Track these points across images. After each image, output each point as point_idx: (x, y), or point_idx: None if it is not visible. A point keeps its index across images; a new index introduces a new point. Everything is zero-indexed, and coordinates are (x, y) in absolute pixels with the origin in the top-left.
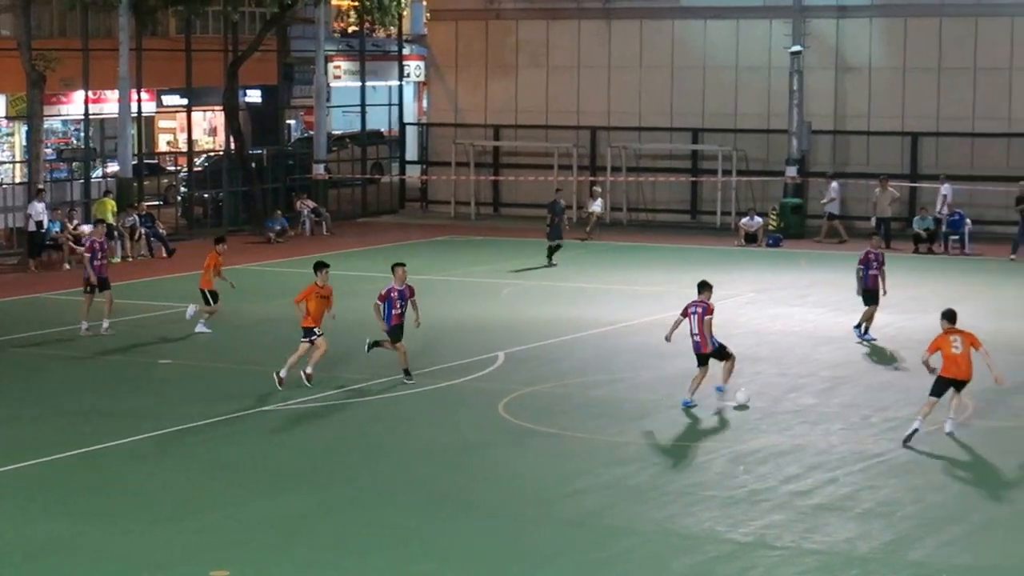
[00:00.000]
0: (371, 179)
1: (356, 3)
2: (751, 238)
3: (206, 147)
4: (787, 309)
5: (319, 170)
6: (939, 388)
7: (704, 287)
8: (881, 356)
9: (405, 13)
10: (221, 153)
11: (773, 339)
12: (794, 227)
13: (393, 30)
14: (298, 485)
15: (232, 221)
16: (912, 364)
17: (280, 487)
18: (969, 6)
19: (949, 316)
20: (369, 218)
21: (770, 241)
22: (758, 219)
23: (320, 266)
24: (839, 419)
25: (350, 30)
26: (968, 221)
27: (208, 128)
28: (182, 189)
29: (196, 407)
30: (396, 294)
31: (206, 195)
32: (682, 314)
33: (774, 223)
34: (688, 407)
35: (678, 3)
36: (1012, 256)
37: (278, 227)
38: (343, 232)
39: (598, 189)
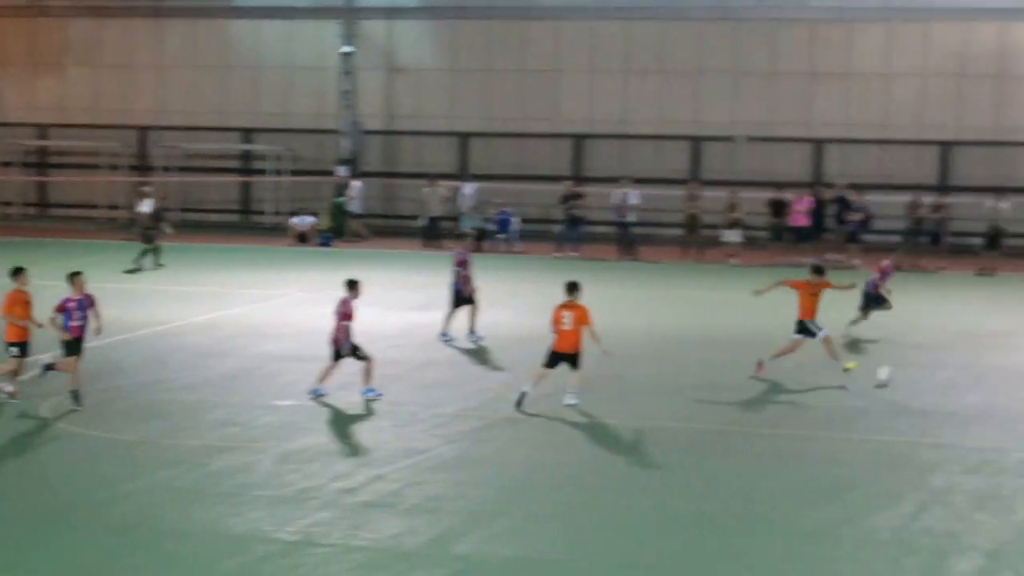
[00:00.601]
0: None
1: None
2: (302, 237)
3: None
4: None
5: None
6: (550, 360)
7: (349, 286)
8: (431, 353)
9: None
10: None
11: (323, 338)
12: (345, 227)
13: None
14: None
15: None
16: (462, 362)
17: None
18: (516, 9)
19: (568, 288)
20: None
21: (321, 240)
22: (308, 219)
23: (18, 270)
24: (388, 416)
25: None
26: (516, 220)
27: None
28: None
29: None
30: (74, 304)
31: None
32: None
33: (325, 223)
34: (317, 395)
35: (230, 3)
36: (556, 254)
37: None
38: None
39: (148, 189)
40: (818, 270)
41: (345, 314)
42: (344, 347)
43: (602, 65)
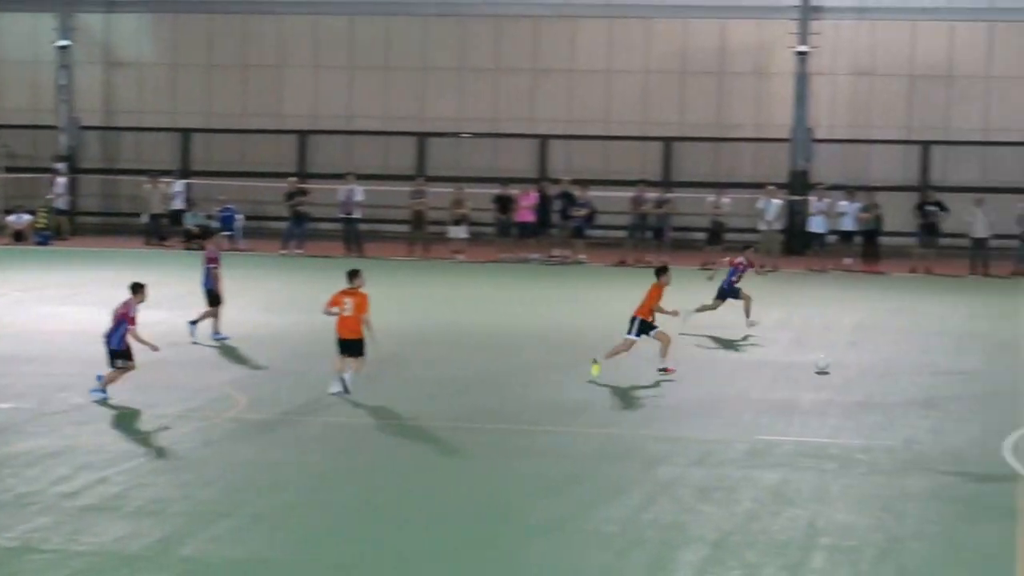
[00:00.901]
0: None
1: None
2: (19, 236)
3: None
4: (57, 308)
5: None
6: (339, 346)
7: (133, 289)
8: (153, 353)
9: None
10: None
11: (42, 339)
12: (63, 225)
13: None
14: None
15: None
16: (185, 361)
17: None
18: (238, 3)
19: (349, 276)
20: None
21: (39, 239)
22: (25, 216)
23: None
24: (111, 418)
25: None
26: (240, 217)
27: None
28: None
29: None
30: None
31: None
32: None
33: (42, 221)
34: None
35: None
36: (281, 251)
37: None
38: None
39: None
40: (664, 270)
41: (127, 317)
42: (111, 343)
43: (326, 60)
